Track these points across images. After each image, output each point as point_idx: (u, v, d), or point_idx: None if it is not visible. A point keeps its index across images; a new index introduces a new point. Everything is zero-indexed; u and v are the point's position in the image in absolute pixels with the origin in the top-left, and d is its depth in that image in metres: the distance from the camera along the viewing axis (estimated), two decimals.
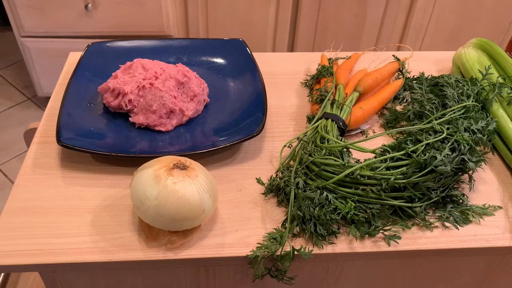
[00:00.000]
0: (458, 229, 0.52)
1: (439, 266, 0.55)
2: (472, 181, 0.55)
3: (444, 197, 0.54)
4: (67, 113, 0.60)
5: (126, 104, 0.60)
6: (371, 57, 0.77)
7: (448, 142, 0.53)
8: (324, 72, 0.68)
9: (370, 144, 0.61)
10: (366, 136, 0.63)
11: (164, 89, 0.60)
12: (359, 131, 0.63)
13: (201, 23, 1.57)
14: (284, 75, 0.74)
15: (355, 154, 0.56)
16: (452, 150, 0.53)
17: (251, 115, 0.62)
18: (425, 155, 0.51)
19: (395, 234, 0.50)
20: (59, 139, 0.56)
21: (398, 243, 0.50)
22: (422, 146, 0.52)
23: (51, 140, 0.60)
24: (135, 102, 0.61)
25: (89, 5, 1.44)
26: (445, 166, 0.51)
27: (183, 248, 0.49)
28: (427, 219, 0.52)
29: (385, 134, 0.63)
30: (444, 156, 0.51)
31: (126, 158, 0.57)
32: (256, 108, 0.62)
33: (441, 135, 0.53)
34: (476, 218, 0.53)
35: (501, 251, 0.51)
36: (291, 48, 1.67)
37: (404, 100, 0.68)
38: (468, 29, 1.65)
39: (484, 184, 0.57)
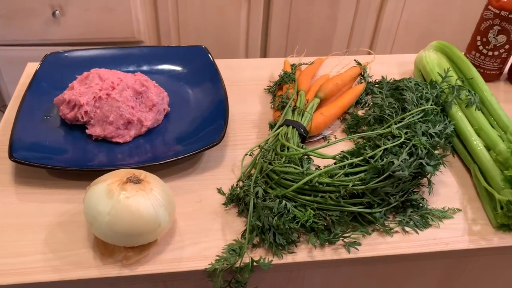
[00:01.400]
0: (418, 234, 0.52)
1: (401, 270, 0.55)
2: (431, 184, 0.55)
3: (404, 201, 0.54)
4: (21, 127, 0.58)
5: (82, 116, 0.59)
6: (334, 62, 0.77)
7: (406, 146, 0.53)
8: (286, 78, 0.67)
9: (333, 150, 0.61)
10: (328, 142, 0.63)
11: (121, 100, 0.59)
12: (321, 137, 0.63)
13: (172, 28, 1.55)
14: (248, 81, 0.73)
15: (318, 161, 0.56)
16: (410, 154, 0.53)
17: (212, 124, 0.61)
18: (383, 160, 0.51)
19: (355, 241, 0.50)
20: (11, 155, 0.54)
21: (358, 250, 0.50)
22: (380, 151, 0.52)
23: (5, 156, 0.58)
24: (91, 113, 0.59)
25: (57, 12, 1.41)
26: (402, 171, 0.51)
27: (140, 263, 0.48)
28: (387, 224, 0.52)
29: (347, 139, 0.63)
30: (401, 161, 0.51)
31: (83, 172, 0.55)
32: (217, 116, 0.61)
33: (399, 140, 0.54)
34: (435, 221, 0.53)
35: (461, 254, 0.51)
36: (264, 51, 1.67)
37: (366, 105, 0.68)
38: (438, 30, 1.67)
39: (444, 187, 0.58)
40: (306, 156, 0.55)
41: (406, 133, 0.55)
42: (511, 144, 0.55)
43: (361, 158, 0.52)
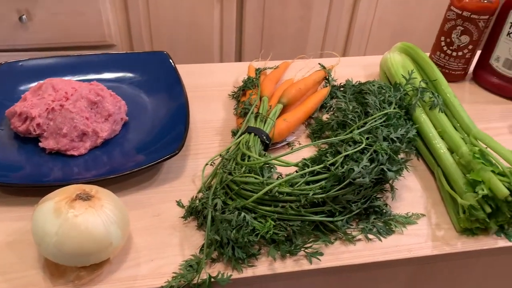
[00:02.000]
0: (381, 241, 0.51)
1: (366, 279, 0.54)
2: (394, 190, 0.55)
3: (367, 208, 0.53)
4: None
5: (34, 129, 0.56)
6: (300, 66, 0.76)
7: (368, 152, 0.52)
8: (249, 84, 0.66)
9: (297, 156, 0.59)
10: (292, 149, 0.61)
11: (75, 111, 0.57)
12: (285, 143, 0.62)
13: (144, 30, 1.52)
14: (212, 87, 0.72)
15: (282, 169, 0.55)
16: (371, 160, 0.52)
17: (171, 133, 0.59)
18: (343, 167, 0.50)
19: (317, 251, 0.49)
20: None
21: (320, 260, 0.48)
22: (341, 158, 0.51)
23: None
24: (44, 126, 0.57)
25: (24, 16, 1.36)
26: (363, 177, 0.50)
27: (92, 283, 0.45)
28: (350, 232, 0.51)
29: (311, 145, 0.62)
30: (362, 167, 0.50)
31: (36, 187, 0.53)
32: (177, 124, 0.60)
33: (360, 146, 0.53)
34: (399, 228, 0.52)
35: (425, 260, 0.51)
36: (239, 53, 1.66)
37: (331, 109, 0.67)
38: (410, 28, 1.68)
39: (409, 192, 0.57)
40: (267, 165, 0.53)
41: (367, 138, 0.54)
42: (474, 147, 0.54)
43: (322, 165, 0.51)
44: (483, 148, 0.54)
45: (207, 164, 0.56)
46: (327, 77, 0.70)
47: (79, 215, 0.43)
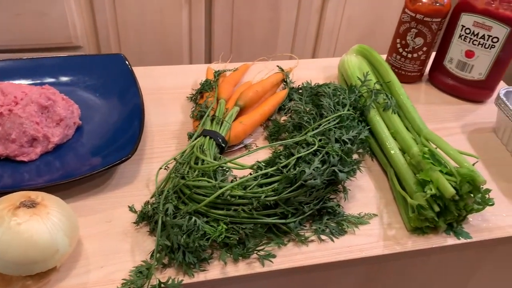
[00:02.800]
0: (334, 241, 0.52)
1: (319, 279, 0.54)
2: (347, 191, 0.55)
3: (320, 209, 0.54)
4: None
5: None
6: (260, 68, 0.76)
7: (320, 154, 0.53)
8: (206, 86, 0.66)
9: (255, 159, 0.59)
10: (248, 151, 0.62)
11: (24, 115, 0.55)
12: (242, 145, 0.62)
13: (111, 32, 1.50)
14: (170, 89, 0.71)
15: (238, 172, 0.55)
16: (323, 162, 0.52)
17: (125, 136, 0.58)
18: (296, 169, 0.50)
19: (270, 253, 0.49)
20: None
21: (272, 262, 0.49)
22: (293, 160, 0.52)
23: None
24: None
25: None
26: (314, 179, 0.50)
27: None
28: (303, 233, 0.52)
29: (269, 147, 0.62)
30: (313, 169, 0.50)
31: None
32: (131, 128, 0.59)
33: (312, 148, 0.53)
34: (351, 228, 0.53)
35: (376, 260, 0.51)
36: (209, 54, 1.65)
37: (289, 111, 0.68)
38: (378, 30, 1.71)
39: (362, 192, 0.58)
40: (221, 168, 0.53)
41: (320, 140, 0.54)
42: (424, 147, 0.55)
43: (275, 168, 0.51)
44: (432, 148, 0.55)
45: (160, 168, 0.56)
46: (285, 80, 0.70)
47: (22, 223, 0.42)
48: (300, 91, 0.68)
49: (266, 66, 0.77)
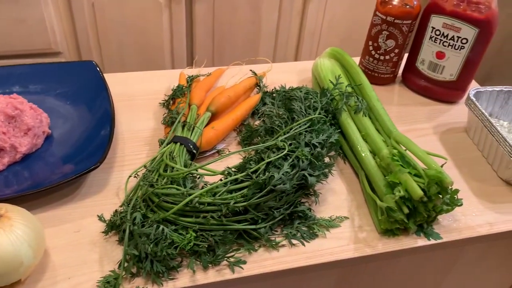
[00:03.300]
0: (305, 246, 0.52)
1: (291, 284, 0.54)
2: (317, 194, 0.56)
3: (291, 213, 0.54)
4: None
5: None
6: (235, 72, 0.76)
7: (290, 158, 0.53)
8: (178, 92, 0.65)
9: (227, 164, 0.59)
10: (220, 156, 0.61)
11: None
12: (214, 151, 0.62)
13: (91, 37, 1.49)
14: (143, 96, 0.71)
15: (211, 178, 0.54)
16: (293, 166, 0.52)
17: (95, 145, 0.57)
18: (265, 174, 0.50)
19: (240, 260, 0.49)
20: None
21: (243, 269, 0.48)
22: (263, 165, 0.52)
23: None
24: None
25: None
26: (284, 184, 0.50)
27: None
28: (274, 238, 0.51)
29: (242, 152, 0.62)
30: (283, 174, 0.50)
31: None
32: (101, 136, 0.58)
33: (282, 152, 0.53)
34: (322, 231, 0.53)
35: (347, 263, 0.52)
36: (191, 58, 1.64)
37: (263, 115, 0.68)
38: (359, 31, 1.72)
39: (333, 195, 0.58)
40: (191, 175, 0.53)
41: (291, 144, 0.54)
42: (393, 150, 0.56)
43: (244, 173, 0.51)
44: (402, 150, 0.55)
45: (130, 176, 0.55)
46: (258, 84, 0.70)
47: None
48: (274, 95, 0.68)
49: (240, 70, 0.77)
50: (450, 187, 0.51)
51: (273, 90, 0.69)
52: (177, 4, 1.47)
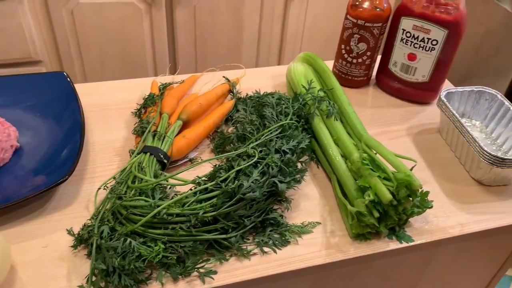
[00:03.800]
0: (276, 253, 0.51)
1: None
2: (289, 201, 0.55)
3: (264, 221, 0.53)
4: None
5: None
6: (208, 79, 0.76)
7: (260, 166, 0.52)
8: (149, 101, 0.65)
9: (200, 173, 0.59)
10: (192, 165, 0.61)
11: None
12: (186, 160, 0.61)
13: (72, 46, 1.47)
14: (116, 105, 0.70)
15: (183, 187, 0.54)
16: (263, 173, 0.52)
17: (64, 157, 0.57)
18: (235, 183, 0.50)
19: (211, 270, 0.48)
20: None
21: (213, 279, 0.48)
22: (233, 173, 0.51)
23: None
24: None
25: None
26: (253, 192, 0.50)
27: None
28: (245, 247, 0.51)
29: (214, 160, 0.61)
30: (252, 181, 0.50)
31: None
32: (70, 148, 0.58)
33: (253, 160, 0.53)
34: (294, 238, 0.53)
35: (319, 269, 0.51)
36: (174, 64, 1.64)
37: (237, 122, 0.67)
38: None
39: (307, 200, 0.58)
40: (160, 185, 0.52)
41: (261, 151, 0.54)
42: (363, 154, 0.56)
43: (213, 182, 0.51)
44: (372, 154, 0.55)
45: (99, 188, 0.55)
46: (231, 90, 0.70)
47: None
48: (242, 102, 0.68)
49: (214, 76, 0.76)
50: (419, 190, 0.51)
51: (246, 96, 0.69)
52: (158, 10, 1.47)
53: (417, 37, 0.68)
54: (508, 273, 1.46)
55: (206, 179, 0.53)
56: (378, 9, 0.69)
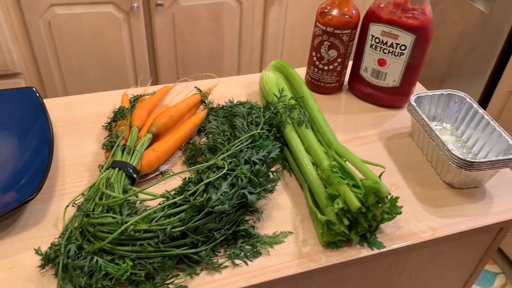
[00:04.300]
0: (248, 265, 0.51)
1: None
2: (260, 211, 0.55)
3: (235, 233, 0.53)
4: None
5: None
6: (181, 89, 0.75)
7: (230, 177, 0.52)
8: (119, 114, 0.64)
9: (172, 186, 0.58)
10: (163, 177, 0.60)
11: None
12: (157, 173, 0.61)
13: (51, 58, 1.46)
14: (87, 119, 0.69)
15: (154, 202, 0.53)
16: (233, 185, 0.52)
17: (32, 174, 0.56)
18: (203, 196, 0.50)
19: (181, 285, 0.48)
20: None
21: None
22: (201, 186, 0.51)
23: None
24: None
25: None
26: (222, 204, 0.50)
27: None
28: (216, 260, 0.51)
29: (186, 172, 0.61)
30: (221, 194, 0.50)
31: None
32: (39, 164, 0.57)
33: (222, 171, 0.53)
34: (265, 249, 0.53)
35: (291, 279, 0.51)
36: (155, 75, 1.63)
37: (209, 133, 0.67)
38: None
39: (279, 210, 0.58)
40: (128, 201, 0.52)
41: (230, 163, 0.54)
42: (333, 161, 0.56)
43: (182, 196, 0.51)
44: (342, 161, 0.56)
45: (68, 206, 0.54)
46: (203, 100, 0.70)
47: None
48: (220, 111, 0.68)
49: (187, 86, 0.76)
50: (388, 196, 0.52)
51: (218, 107, 0.69)
52: (136, 18, 1.46)
53: (386, 42, 0.69)
54: (492, 270, 1.47)
55: (175, 192, 0.53)
56: (346, 16, 0.69)
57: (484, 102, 1.44)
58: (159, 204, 0.51)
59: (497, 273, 1.46)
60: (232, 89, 0.78)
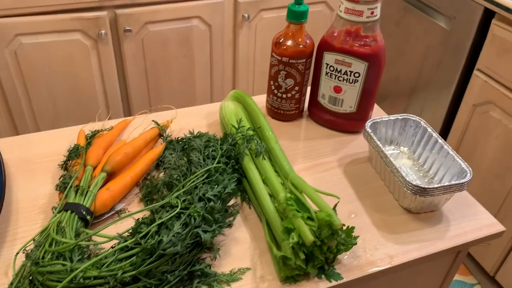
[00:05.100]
0: None
1: None
2: (216, 249, 0.55)
3: (191, 272, 0.52)
4: None
5: None
6: (139, 122, 0.75)
7: (183, 217, 0.52)
8: (73, 153, 0.63)
9: (129, 225, 0.57)
10: (118, 218, 0.60)
11: None
12: (113, 212, 0.60)
13: (19, 87, 1.43)
14: (43, 158, 0.68)
15: (107, 244, 0.52)
16: (186, 225, 0.51)
17: None
18: (155, 238, 0.49)
19: None
20: None
21: None
22: (154, 227, 0.50)
23: None
24: None
25: None
26: (175, 246, 0.49)
27: None
28: None
29: (140, 212, 0.60)
30: (174, 235, 0.49)
31: None
32: None
33: (175, 211, 0.52)
34: None
35: None
36: (127, 102, 1.62)
37: (166, 168, 0.67)
38: None
39: (237, 245, 0.57)
40: (80, 246, 0.51)
41: (184, 200, 0.54)
42: (288, 194, 0.56)
43: (133, 239, 0.50)
44: (298, 193, 0.56)
45: (18, 253, 0.53)
46: (161, 134, 0.69)
47: None
48: (177, 144, 0.68)
49: (147, 118, 0.76)
50: (341, 228, 0.52)
51: (174, 140, 0.69)
52: (104, 45, 1.45)
53: (340, 70, 0.70)
54: (469, 281, 1.49)
55: (128, 234, 0.52)
56: (301, 46, 0.70)
57: (451, 115, 1.47)
58: (111, 247, 0.50)
59: (473, 284, 1.48)
60: (193, 119, 0.77)
